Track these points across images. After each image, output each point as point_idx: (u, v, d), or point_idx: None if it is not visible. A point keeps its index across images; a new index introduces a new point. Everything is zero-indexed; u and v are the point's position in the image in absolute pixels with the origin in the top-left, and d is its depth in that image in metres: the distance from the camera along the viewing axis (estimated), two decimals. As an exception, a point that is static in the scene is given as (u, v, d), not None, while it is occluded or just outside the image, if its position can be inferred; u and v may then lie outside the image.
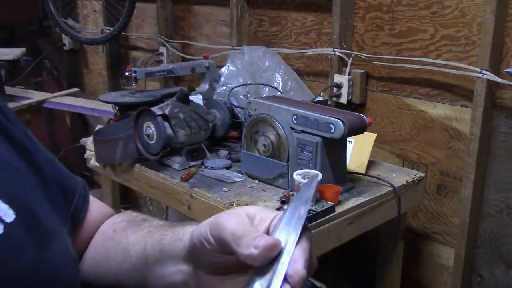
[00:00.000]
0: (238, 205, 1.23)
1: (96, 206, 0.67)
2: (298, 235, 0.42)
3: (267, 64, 1.74)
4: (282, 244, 0.42)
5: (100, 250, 0.63)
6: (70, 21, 2.79)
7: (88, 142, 1.74)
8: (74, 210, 0.62)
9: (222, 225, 0.44)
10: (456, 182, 1.54)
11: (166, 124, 1.42)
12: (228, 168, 1.47)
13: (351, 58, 1.70)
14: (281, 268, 0.39)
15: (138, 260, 0.56)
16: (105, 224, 0.66)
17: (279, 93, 1.64)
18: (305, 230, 0.44)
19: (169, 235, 0.54)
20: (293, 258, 0.40)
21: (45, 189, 0.54)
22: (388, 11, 1.61)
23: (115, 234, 0.62)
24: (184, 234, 0.52)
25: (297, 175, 1.18)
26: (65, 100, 2.47)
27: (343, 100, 1.72)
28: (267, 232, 0.45)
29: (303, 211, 0.45)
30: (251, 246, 0.41)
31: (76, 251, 0.60)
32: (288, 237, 0.42)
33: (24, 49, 2.44)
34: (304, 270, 0.40)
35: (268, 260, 0.41)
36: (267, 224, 0.46)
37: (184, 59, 2.35)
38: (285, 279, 0.39)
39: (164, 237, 0.54)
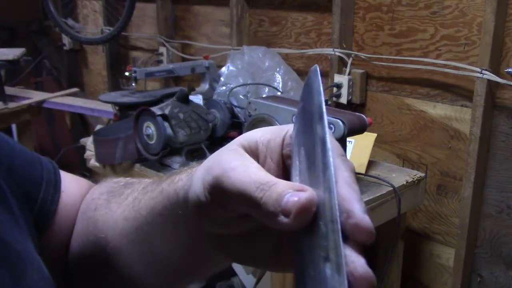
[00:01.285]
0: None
1: (71, 185, 0.55)
2: (330, 164, 0.29)
3: (267, 64, 1.74)
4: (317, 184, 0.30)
5: (85, 240, 0.51)
6: (70, 21, 2.79)
7: (88, 142, 1.74)
8: (42, 204, 0.50)
9: (222, 187, 0.32)
10: (456, 182, 1.54)
11: (166, 124, 1.42)
12: (228, 168, 1.46)
13: (351, 58, 1.70)
14: (332, 228, 0.28)
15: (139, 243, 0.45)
16: (84, 203, 0.54)
17: (279, 93, 1.64)
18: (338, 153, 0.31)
19: (159, 199, 0.41)
20: (344, 206, 0.28)
21: None
22: (388, 11, 1.61)
23: (97, 214, 0.50)
24: (177, 195, 0.39)
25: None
26: (65, 100, 2.47)
27: (343, 100, 1.72)
28: (282, 160, 0.35)
29: (320, 129, 0.31)
30: (278, 214, 0.29)
31: (59, 247, 0.52)
32: (317, 170, 0.30)
33: (24, 49, 2.44)
34: (366, 217, 0.28)
35: (308, 221, 0.29)
36: (279, 150, 0.35)
37: (184, 59, 2.35)
38: (344, 237, 0.28)
39: (156, 204, 0.42)
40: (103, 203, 0.51)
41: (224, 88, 1.70)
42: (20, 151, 0.51)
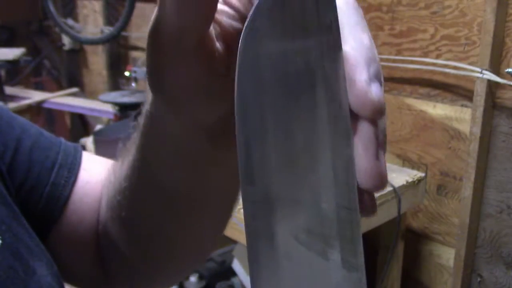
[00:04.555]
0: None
1: (95, 165, 0.52)
2: None
3: (267, 64, 1.74)
4: None
5: (106, 213, 0.48)
6: (70, 21, 2.80)
7: (88, 142, 1.74)
8: (52, 189, 0.48)
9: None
10: (456, 182, 1.54)
11: (166, 124, 1.42)
12: (228, 168, 1.46)
13: (351, 58, 1.70)
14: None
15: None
16: (105, 180, 0.51)
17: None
18: None
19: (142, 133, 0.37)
20: (346, 70, 0.22)
21: (4, 186, 0.44)
22: (388, 11, 1.61)
23: (109, 185, 0.48)
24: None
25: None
26: (65, 100, 2.47)
27: (343, 100, 1.71)
28: None
29: None
30: None
31: (82, 228, 0.49)
32: None
33: (24, 49, 2.45)
34: (373, 88, 0.22)
35: None
36: None
37: (184, 59, 2.34)
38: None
39: (141, 140, 0.38)
40: (112, 173, 0.48)
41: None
42: (37, 135, 0.49)
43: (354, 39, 0.23)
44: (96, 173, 0.51)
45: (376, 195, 0.25)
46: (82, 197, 0.50)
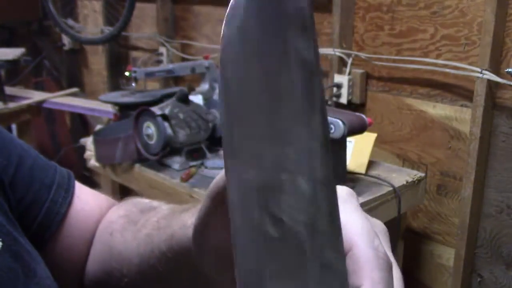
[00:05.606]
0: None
1: (88, 196, 0.55)
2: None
3: (267, 64, 1.74)
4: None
5: (101, 267, 0.50)
6: (70, 21, 2.80)
7: (88, 142, 1.74)
8: (51, 205, 0.50)
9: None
10: (456, 182, 1.54)
11: (166, 124, 1.43)
12: (228, 168, 1.46)
13: (351, 58, 1.70)
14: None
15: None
16: (102, 223, 0.53)
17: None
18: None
19: (171, 243, 0.40)
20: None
21: (4, 196, 0.46)
22: (388, 11, 1.61)
23: (113, 240, 0.49)
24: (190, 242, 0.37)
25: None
26: (65, 100, 2.47)
27: (343, 100, 1.72)
28: None
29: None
30: None
31: (71, 252, 0.51)
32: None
33: (24, 49, 2.45)
34: None
35: None
36: None
37: (184, 59, 2.35)
38: None
39: (168, 249, 0.40)
40: (119, 228, 0.50)
41: (224, 88, 1.69)
42: (35, 155, 0.52)
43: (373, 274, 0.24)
44: (88, 203, 0.54)
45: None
46: (77, 221, 0.52)
